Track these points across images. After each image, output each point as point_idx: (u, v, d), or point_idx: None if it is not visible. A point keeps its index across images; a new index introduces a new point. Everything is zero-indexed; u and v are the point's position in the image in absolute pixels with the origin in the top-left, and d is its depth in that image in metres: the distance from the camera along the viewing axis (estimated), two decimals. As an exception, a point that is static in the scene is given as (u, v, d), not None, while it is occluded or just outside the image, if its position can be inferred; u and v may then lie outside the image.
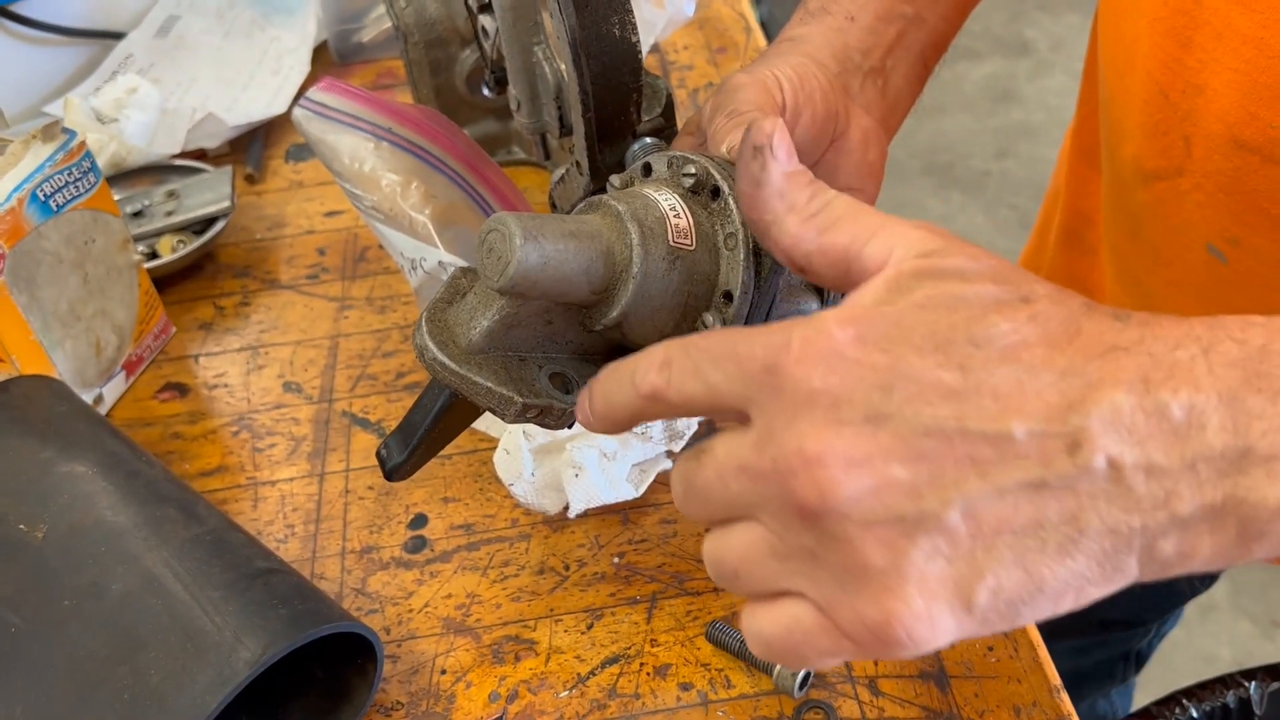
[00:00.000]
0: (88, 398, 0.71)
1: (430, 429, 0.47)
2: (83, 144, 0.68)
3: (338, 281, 0.82)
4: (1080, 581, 0.32)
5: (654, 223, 0.44)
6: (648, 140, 0.51)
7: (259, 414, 0.72)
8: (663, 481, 0.64)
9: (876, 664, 0.55)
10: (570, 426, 0.47)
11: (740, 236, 0.44)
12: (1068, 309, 0.34)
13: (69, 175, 0.68)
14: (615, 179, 0.49)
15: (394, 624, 0.59)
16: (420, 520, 0.65)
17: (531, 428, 0.60)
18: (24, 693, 0.49)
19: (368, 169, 0.68)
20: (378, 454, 0.49)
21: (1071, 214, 0.83)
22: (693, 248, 0.44)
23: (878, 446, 0.32)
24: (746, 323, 0.45)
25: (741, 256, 0.44)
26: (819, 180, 0.40)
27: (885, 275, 0.35)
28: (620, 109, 0.54)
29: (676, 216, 0.44)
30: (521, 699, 0.56)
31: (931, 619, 0.32)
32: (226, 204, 0.83)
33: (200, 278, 0.83)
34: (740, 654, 0.56)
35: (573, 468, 0.59)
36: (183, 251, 0.81)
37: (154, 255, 0.82)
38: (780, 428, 0.33)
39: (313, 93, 0.69)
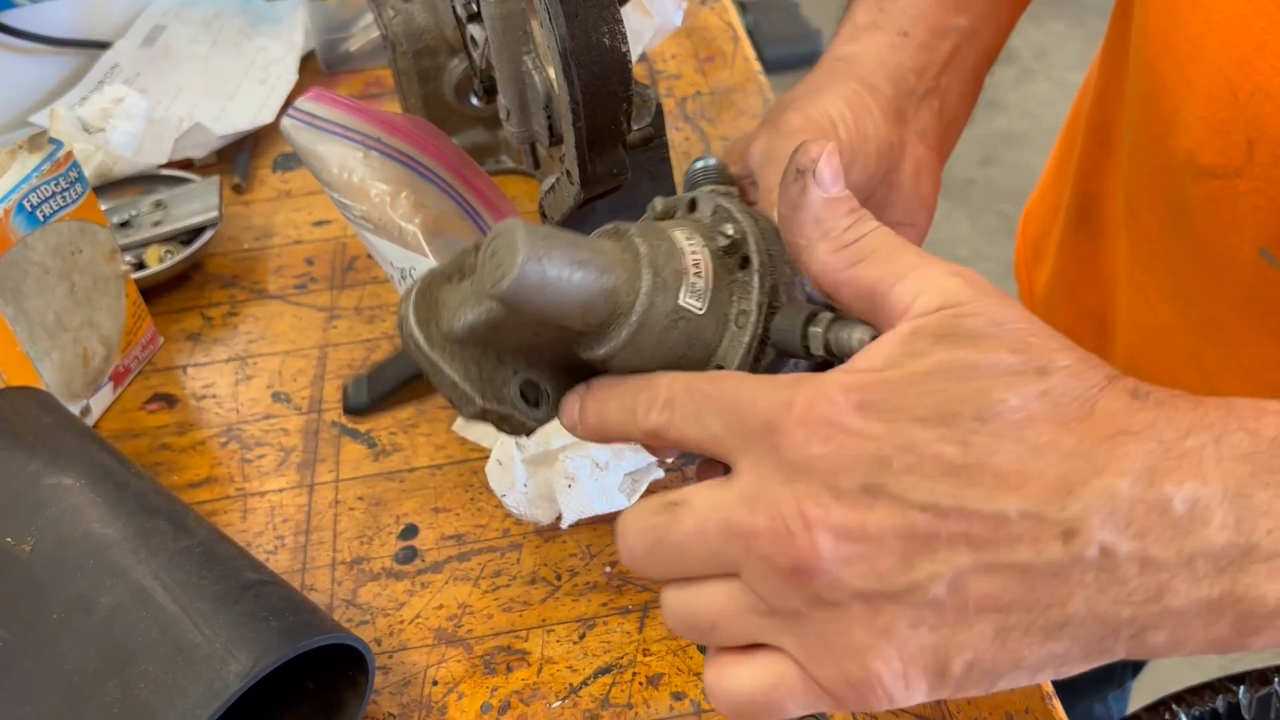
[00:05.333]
0: (75, 409, 0.71)
1: (398, 387, 0.47)
2: (70, 154, 0.68)
3: (326, 291, 0.81)
4: (1060, 661, 0.33)
5: (670, 275, 0.41)
6: (711, 161, 0.47)
7: (248, 425, 0.72)
8: (655, 491, 0.64)
9: (869, 672, 0.56)
10: (528, 435, 0.45)
11: (752, 319, 0.41)
12: (1084, 384, 0.33)
13: (56, 185, 0.67)
14: (659, 202, 0.46)
15: (385, 635, 0.59)
16: (411, 531, 0.64)
17: (525, 439, 0.60)
18: (12, 707, 0.48)
19: (357, 179, 0.68)
20: (343, 388, 0.48)
21: (1081, 195, 0.80)
22: (702, 312, 0.41)
23: (872, 518, 0.32)
24: None
25: (746, 339, 0.41)
26: (864, 210, 0.39)
27: (900, 332, 0.35)
28: (610, 118, 0.54)
29: (697, 274, 0.41)
30: (514, 710, 0.56)
31: (907, 681, 0.33)
32: (214, 214, 0.83)
33: (188, 288, 0.83)
34: (733, 663, 0.55)
35: (565, 478, 0.59)
36: (170, 262, 0.81)
37: (141, 265, 0.81)
38: (774, 487, 0.33)
39: (301, 102, 0.69)
